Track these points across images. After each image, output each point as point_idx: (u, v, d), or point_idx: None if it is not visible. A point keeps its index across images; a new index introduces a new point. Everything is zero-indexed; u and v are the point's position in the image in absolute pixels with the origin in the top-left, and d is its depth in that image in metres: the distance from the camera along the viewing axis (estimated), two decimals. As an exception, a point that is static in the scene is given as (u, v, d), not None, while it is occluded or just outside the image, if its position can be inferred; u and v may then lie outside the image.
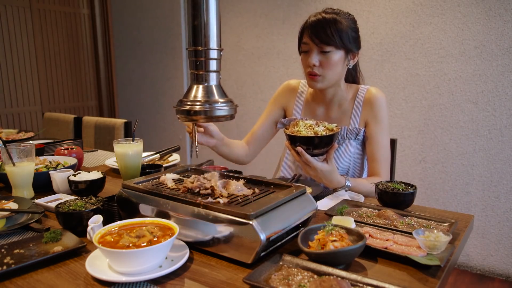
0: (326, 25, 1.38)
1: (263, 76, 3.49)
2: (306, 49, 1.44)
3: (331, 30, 1.37)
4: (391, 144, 1.68)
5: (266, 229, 0.86)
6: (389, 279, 0.82)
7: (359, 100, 1.52)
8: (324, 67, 1.41)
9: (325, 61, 1.41)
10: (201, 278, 0.84)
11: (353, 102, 1.53)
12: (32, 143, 1.37)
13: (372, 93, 1.51)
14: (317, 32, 1.38)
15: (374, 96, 1.50)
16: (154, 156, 1.81)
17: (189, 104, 1.04)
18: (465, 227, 1.09)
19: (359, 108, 1.52)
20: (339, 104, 1.56)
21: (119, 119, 2.67)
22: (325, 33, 1.37)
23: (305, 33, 1.43)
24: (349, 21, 1.43)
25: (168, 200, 1.00)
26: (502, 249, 2.58)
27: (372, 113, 1.50)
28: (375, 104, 1.49)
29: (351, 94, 1.55)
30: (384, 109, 1.50)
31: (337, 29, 1.38)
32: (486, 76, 2.49)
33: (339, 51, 1.41)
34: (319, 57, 1.41)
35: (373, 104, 1.49)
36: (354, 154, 1.53)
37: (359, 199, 1.30)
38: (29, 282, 0.84)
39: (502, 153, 2.50)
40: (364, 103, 1.51)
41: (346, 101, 1.55)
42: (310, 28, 1.40)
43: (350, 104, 1.54)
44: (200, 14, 0.99)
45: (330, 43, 1.38)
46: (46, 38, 4.20)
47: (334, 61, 1.41)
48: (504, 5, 2.38)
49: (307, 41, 1.42)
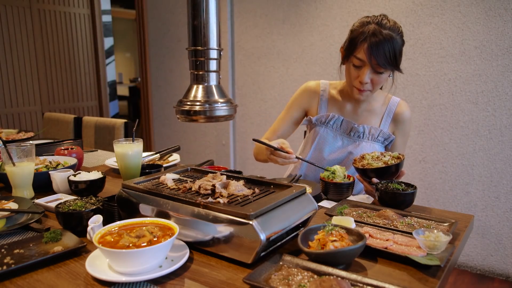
0: (386, 47, 1.37)
1: (263, 76, 3.49)
2: (359, 64, 1.44)
3: (389, 53, 1.38)
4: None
5: (266, 229, 0.86)
6: (389, 279, 0.82)
7: (391, 110, 1.61)
8: (374, 84, 1.47)
9: (376, 79, 1.46)
10: (201, 278, 0.84)
11: (384, 109, 1.61)
12: (32, 143, 1.37)
13: (403, 108, 1.61)
14: (377, 55, 1.38)
15: (405, 112, 1.61)
16: (154, 156, 1.81)
17: (189, 104, 1.03)
18: (465, 227, 1.09)
19: (390, 117, 1.61)
20: (369, 103, 1.62)
21: (119, 119, 2.67)
22: (384, 56, 1.38)
23: (361, 49, 1.41)
24: (401, 38, 1.43)
25: (168, 200, 1.00)
26: (502, 249, 2.58)
27: (401, 128, 1.61)
28: (405, 120, 1.61)
29: (381, 98, 1.63)
30: (410, 125, 1.64)
31: (394, 51, 1.39)
32: (486, 76, 2.49)
33: (389, 71, 1.46)
34: (371, 75, 1.44)
35: (404, 120, 1.61)
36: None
37: (368, 201, 1.31)
38: (29, 282, 0.84)
39: (502, 153, 2.50)
40: (395, 116, 1.60)
41: (376, 103, 1.62)
42: (369, 48, 1.38)
43: (381, 109, 1.62)
44: (199, 14, 0.99)
45: (386, 66, 1.40)
46: (46, 38, 4.20)
47: (383, 80, 1.48)
48: (504, 5, 2.38)
49: (363, 58, 1.41)
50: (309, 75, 3.23)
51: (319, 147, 1.61)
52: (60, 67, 4.35)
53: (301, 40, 3.19)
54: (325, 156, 1.60)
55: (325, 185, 1.32)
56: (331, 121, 1.59)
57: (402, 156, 1.34)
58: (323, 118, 1.61)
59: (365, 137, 1.57)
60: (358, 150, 1.55)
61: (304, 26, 3.15)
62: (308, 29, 3.13)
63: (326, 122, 1.60)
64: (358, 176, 1.37)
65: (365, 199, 1.33)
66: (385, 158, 1.34)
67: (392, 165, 1.29)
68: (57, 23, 4.29)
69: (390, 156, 1.35)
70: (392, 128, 1.61)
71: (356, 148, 1.56)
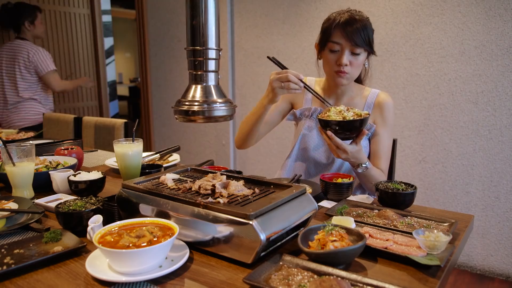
0: (359, 26, 1.45)
1: (263, 76, 3.49)
2: (336, 48, 1.50)
3: (363, 32, 1.46)
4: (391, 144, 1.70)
5: (266, 229, 0.86)
6: (389, 279, 0.82)
7: (371, 101, 1.62)
8: (353, 67, 1.51)
9: (354, 62, 1.50)
10: (201, 278, 0.84)
11: (364, 101, 1.63)
12: (32, 143, 1.37)
13: (382, 97, 1.62)
14: (351, 33, 1.45)
15: (384, 100, 1.61)
16: (154, 156, 1.81)
17: (188, 104, 1.03)
18: (465, 227, 1.09)
19: (370, 108, 1.62)
20: (349, 98, 1.65)
21: (119, 119, 2.67)
22: (358, 35, 1.45)
23: (336, 33, 1.48)
24: (370, 24, 1.50)
25: (168, 200, 1.00)
26: (502, 249, 2.58)
27: (381, 116, 1.61)
28: (384, 108, 1.61)
29: (360, 92, 1.65)
30: (391, 113, 1.62)
31: (367, 31, 1.47)
32: (486, 76, 2.49)
33: (365, 53, 1.52)
34: (350, 57, 1.49)
35: (383, 108, 1.61)
36: (363, 146, 1.59)
37: (368, 201, 1.31)
38: (29, 282, 0.84)
39: (502, 153, 2.50)
40: (374, 106, 1.62)
41: (356, 97, 1.64)
42: (343, 28, 1.46)
43: (361, 101, 1.64)
44: (198, 14, 0.99)
45: (362, 45, 1.47)
46: (46, 38, 4.19)
47: (361, 62, 1.52)
48: (504, 5, 2.38)
49: (339, 40, 1.48)
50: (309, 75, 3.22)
51: (304, 140, 1.66)
52: (60, 67, 4.35)
53: (301, 40, 3.19)
54: (310, 149, 1.65)
55: (325, 185, 1.32)
56: (314, 114, 1.65)
57: (365, 114, 1.36)
58: (307, 112, 1.67)
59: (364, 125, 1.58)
60: None
61: (304, 26, 3.15)
62: (308, 29, 3.13)
63: (310, 115, 1.66)
64: (319, 126, 1.40)
65: (365, 199, 1.33)
66: (347, 113, 1.36)
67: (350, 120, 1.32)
68: (57, 23, 4.29)
69: (354, 113, 1.37)
70: (373, 118, 1.62)
71: None
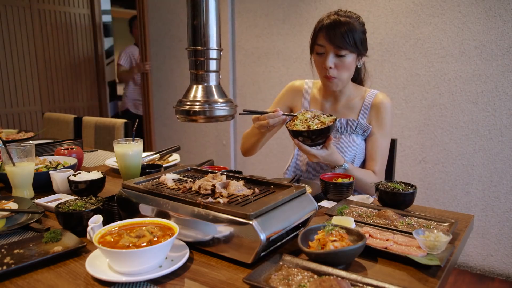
0: (342, 29, 1.43)
1: (263, 76, 3.49)
2: (321, 51, 1.49)
3: (347, 35, 1.43)
4: (391, 144, 1.71)
5: (266, 229, 0.86)
6: (389, 279, 0.82)
7: (368, 102, 1.60)
8: (339, 69, 1.49)
9: (340, 64, 1.48)
10: (201, 278, 0.84)
11: (362, 102, 1.61)
12: (32, 143, 1.37)
13: (379, 98, 1.60)
14: (334, 36, 1.43)
15: (381, 101, 1.59)
16: (154, 156, 1.81)
17: (189, 104, 1.03)
18: (465, 227, 1.09)
19: (368, 109, 1.60)
20: (348, 99, 1.63)
21: (119, 119, 2.67)
22: (341, 37, 1.43)
23: (320, 36, 1.48)
24: (360, 24, 1.48)
25: (168, 200, 1.00)
26: (502, 249, 2.58)
27: (377, 117, 1.58)
28: (381, 109, 1.58)
29: (360, 93, 1.63)
30: (388, 114, 1.59)
31: (352, 33, 1.44)
32: (486, 76, 2.49)
33: (352, 54, 1.48)
34: (335, 60, 1.47)
35: (379, 109, 1.58)
36: (360, 146, 1.59)
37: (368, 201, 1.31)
38: (29, 282, 0.84)
39: (502, 153, 2.50)
40: (372, 106, 1.59)
41: (354, 98, 1.62)
42: (327, 31, 1.45)
43: (359, 103, 1.61)
44: (199, 14, 0.99)
45: (346, 47, 1.44)
46: (46, 38, 4.19)
47: (348, 64, 1.48)
48: (504, 5, 2.38)
49: (323, 43, 1.47)
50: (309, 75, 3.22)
51: None
52: (60, 67, 4.35)
53: (301, 40, 3.19)
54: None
55: (325, 185, 1.32)
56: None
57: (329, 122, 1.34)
58: None
59: (344, 130, 1.59)
60: (339, 144, 1.58)
61: (304, 26, 3.15)
62: (308, 29, 3.13)
63: None
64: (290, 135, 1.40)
65: (365, 199, 1.33)
66: (311, 122, 1.36)
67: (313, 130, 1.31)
68: (57, 23, 4.28)
69: (319, 121, 1.36)
70: (370, 118, 1.60)
71: (337, 142, 1.58)
